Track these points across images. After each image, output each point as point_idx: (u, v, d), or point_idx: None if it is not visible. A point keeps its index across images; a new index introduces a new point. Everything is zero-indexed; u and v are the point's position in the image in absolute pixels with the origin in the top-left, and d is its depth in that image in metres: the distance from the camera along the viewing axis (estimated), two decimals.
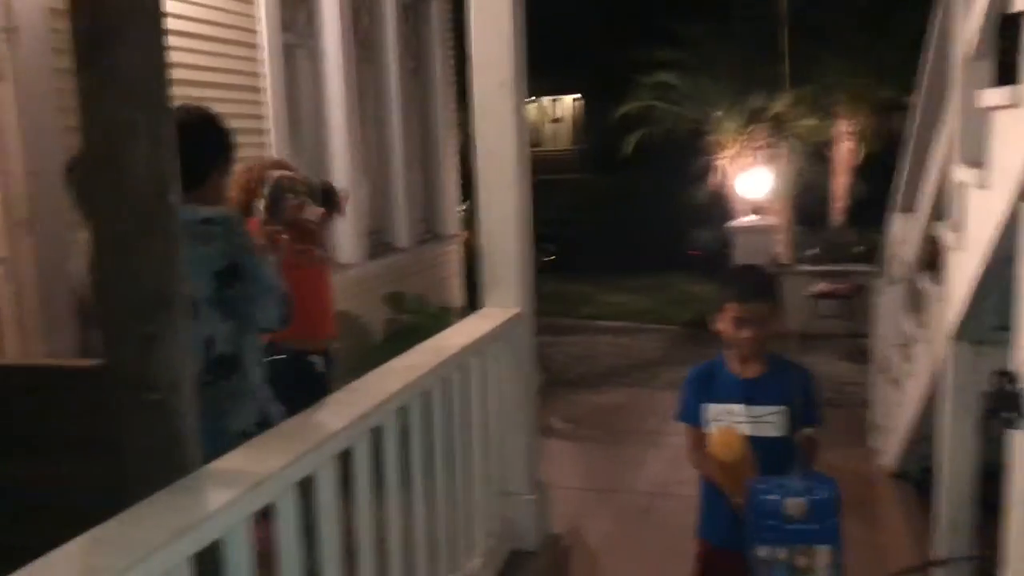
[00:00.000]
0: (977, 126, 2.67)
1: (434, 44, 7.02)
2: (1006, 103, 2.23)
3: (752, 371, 2.69)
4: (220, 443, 2.29)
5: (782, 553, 2.39)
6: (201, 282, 2.32)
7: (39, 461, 1.79)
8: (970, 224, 2.78)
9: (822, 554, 2.36)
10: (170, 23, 3.96)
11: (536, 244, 3.55)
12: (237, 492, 1.63)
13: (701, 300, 9.26)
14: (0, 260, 3.39)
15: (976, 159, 2.68)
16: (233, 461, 1.82)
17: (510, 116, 3.28)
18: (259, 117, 4.75)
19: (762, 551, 2.39)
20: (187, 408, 1.68)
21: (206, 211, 2.42)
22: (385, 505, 2.36)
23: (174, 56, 4.12)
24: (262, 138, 4.75)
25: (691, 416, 2.72)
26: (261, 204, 3.08)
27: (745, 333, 2.63)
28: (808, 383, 2.76)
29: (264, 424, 2.44)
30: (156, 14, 1.66)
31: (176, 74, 4.23)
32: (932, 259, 3.74)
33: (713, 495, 2.69)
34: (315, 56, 5.46)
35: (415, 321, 5.23)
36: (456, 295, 7.07)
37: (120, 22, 1.59)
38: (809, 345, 8.28)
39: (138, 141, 1.62)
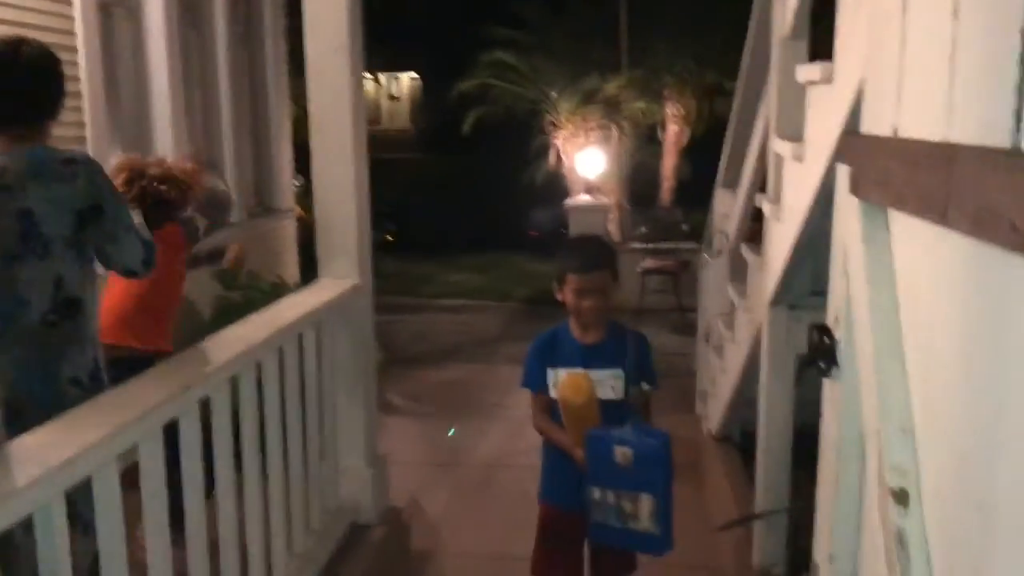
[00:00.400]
0: (793, 102, 2.83)
1: (265, 9, 6.75)
2: (819, 78, 2.37)
3: (592, 337, 2.76)
4: (52, 388, 2.35)
5: (611, 496, 2.50)
6: (61, 220, 2.36)
7: None
8: (787, 195, 2.95)
9: (645, 502, 2.48)
10: None
11: (375, 223, 3.51)
12: (51, 466, 1.52)
13: (539, 278, 9.43)
14: None
15: (793, 133, 2.84)
16: (50, 434, 1.69)
17: (346, 83, 3.21)
18: (73, 79, 4.42)
19: (595, 492, 2.52)
20: None
21: (65, 152, 2.46)
22: (218, 480, 2.27)
23: None
24: (76, 102, 4.42)
25: (535, 382, 2.77)
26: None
27: (587, 303, 2.69)
28: (643, 347, 2.86)
29: (96, 379, 2.44)
30: None
31: None
32: (753, 232, 3.95)
33: (556, 458, 2.75)
34: (135, 16, 5.11)
35: (246, 297, 5.03)
36: (291, 271, 6.86)
37: None
38: (640, 319, 8.60)
39: None
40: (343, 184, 3.22)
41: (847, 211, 1.67)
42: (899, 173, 1.37)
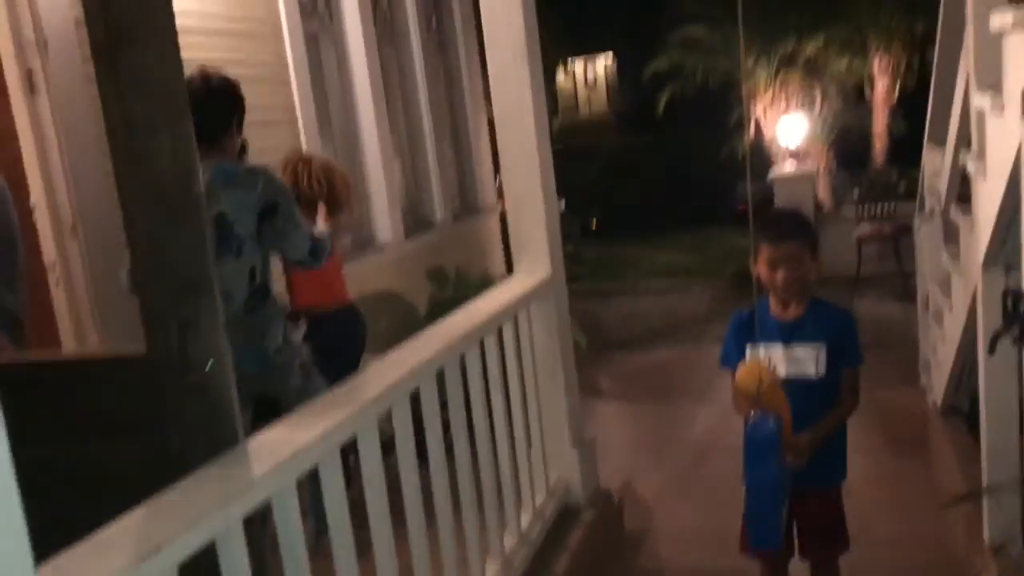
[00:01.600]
0: (991, 50, 2.65)
1: (456, 16, 7.05)
2: (1013, 24, 2.22)
3: (792, 313, 2.71)
4: (264, 363, 2.87)
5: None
6: (247, 222, 2.80)
7: (97, 445, 1.91)
8: (990, 150, 2.77)
9: None
10: (195, 22, 4.11)
11: (580, 211, 3.66)
12: (282, 457, 1.74)
13: (746, 253, 9.19)
14: (51, 265, 3.56)
15: (993, 84, 2.66)
16: (278, 431, 1.93)
17: (527, 87, 3.34)
18: (289, 108, 4.86)
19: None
20: (226, 386, 1.78)
21: (246, 165, 2.90)
22: (431, 467, 2.47)
23: (201, 54, 4.27)
24: (293, 129, 4.86)
25: (733, 360, 2.73)
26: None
27: (780, 274, 2.65)
28: (848, 324, 2.77)
29: (287, 340, 2.97)
30: (166, 16, 1.75)
31: None
32: (963, 190, 3.71)
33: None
34: (338, 42, 5.53)
35: (457, 294, 5.32)
36: (498, 265, 7.14)
37: (132, 26, 1.68)
38: (859, 288, 8.22)
39: (159, 137, 1.71)
40: (530, 182, 3.36)
41: None
42: None
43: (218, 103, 2.87)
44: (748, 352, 2.72)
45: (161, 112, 1.72)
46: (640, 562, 3.77)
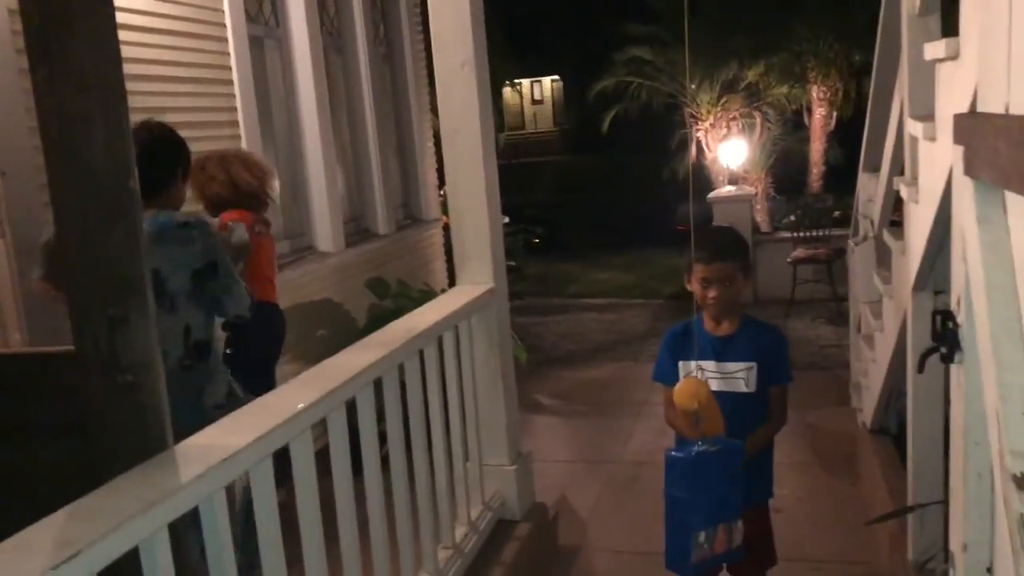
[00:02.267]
0: (924, 80, 2.74)
1: (404, 28, 7.02)
2: (945, 55, 2.29)
3: (725, 329, 2.77)
4: (199, 417, 2.69)
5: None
6: (181, 279, 2.70)
7: (20, 446, 1.84)
8: (922, 176, 2.85)
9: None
10: (136, 19, 4.03)
11: (523, 227, 3.66)
12: (212, 463, 1.70)
13: (685, 273, 9.32)
14: None
15: (925, 113, 2.74)
16: (208, 436, 1.89)
17: (474, 96, 3.34)
18: (230, 110, 4.78)
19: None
20: (157, 388, 1.74)
21: (181, 216, 2.80)
22: (366, 478, 2.43)
23: (143, 52, 4.16)
24: (234, 131, 4.78)
25: (666, 375, 2.79)
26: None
27: (712, 292, 2.70)
28: (778, 342, 2.85)
29: (232, 395, 2.80)
30: (105, 6, 1.71)
31: (147, 70, 4.30)
32: (896, 215, 3.82)
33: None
34: (283, 47, 5.47)
35: (397, 305, 5.28)
36: (439, 278, 7.11)
37: (68, 16, 1.63)
38: (792, 311, 8.39)
39: (94, 130, 1.67)
40: (474, 193, 3.35)
41: (963, 192, 1.63)
42: (1005, 152, 1.34)
43: (161, 154, 2.82)
44: (682, 367, 2.76)
45: (96, 105, 1.67)
46: None
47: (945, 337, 1.72)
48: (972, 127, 1.57)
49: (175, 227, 2.72)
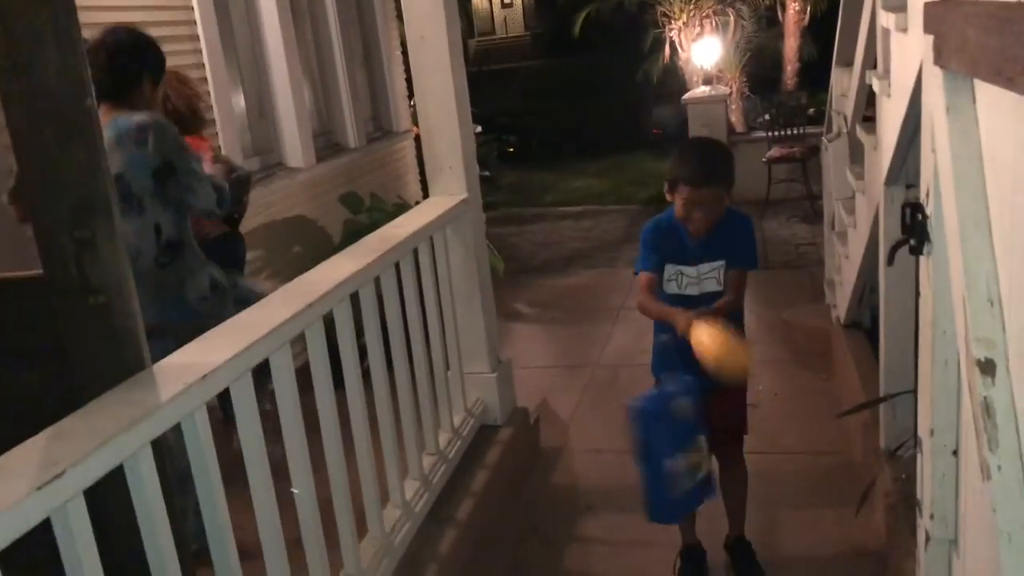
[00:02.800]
0: None
1: None
2: None
3: (702, 233, 2.74)
4: (186, 312, 2.83)
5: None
6: (143, 180, 2.73)
7: None
8: (894, 69, 2.82)
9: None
10: None
11: (496, 136, 3.60)
12: (191, 380, 1.71)
13: (660, 177, 9.28)
14: None
15: (898, 3, 2.70)
16: (187, 354, 1.89)
17: (438, 0, 3.24)
18: (189, 23, 4.63)
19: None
20: (130, 308, 1.73)
21: (138, 117, 2.75)
22: (347, 389, 2.46)
23: None
24: (195, 44, 4.64)
25: (651, 265, 2.77)
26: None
27: (698, 214, 2.67)
28: (746, 227, 2.84)
29: (216, 287, 2.91)
30: None
31: None
32: (869, 111, 3.80)
33: (662, 335, 2.80)
34: None
35: (372, 219, 5.24)
36: (413, 191, 7.05)
37: None
38: (768, 210, 8.42)
39: (46, 47, 1.61)
40: (444, 103, 3.30)
41: (932, 82, 1.62)
42: (974, 38, 1.33)
43: (127, 58, 2.78)
44: (668, 269, 2.75)
45: (47, 19, 1.61)
46: (555, 477, 3.87)
47: (914, 229, 1.73)
48: (942, 15, 1.55)
49: (133, 129, 2.72)
